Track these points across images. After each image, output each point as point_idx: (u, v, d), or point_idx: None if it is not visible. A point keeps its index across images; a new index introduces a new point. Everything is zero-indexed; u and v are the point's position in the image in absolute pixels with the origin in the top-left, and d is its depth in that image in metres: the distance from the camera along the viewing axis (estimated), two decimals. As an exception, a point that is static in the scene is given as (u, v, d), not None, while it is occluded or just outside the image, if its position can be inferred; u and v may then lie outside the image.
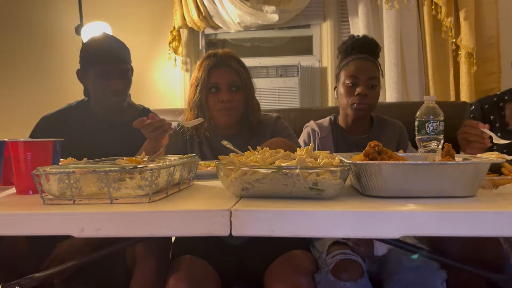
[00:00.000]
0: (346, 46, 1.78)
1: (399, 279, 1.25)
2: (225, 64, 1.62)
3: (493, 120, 1.84)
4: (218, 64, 1.61)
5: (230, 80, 1.61)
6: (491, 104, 1.88)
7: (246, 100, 1.65)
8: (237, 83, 1.61)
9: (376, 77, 1.72)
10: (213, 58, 1.63)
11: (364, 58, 1.73)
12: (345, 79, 1.72)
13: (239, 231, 0.76)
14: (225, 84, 1.60)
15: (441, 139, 1.25)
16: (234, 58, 1.65)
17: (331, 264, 1.24)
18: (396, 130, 1.82)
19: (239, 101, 1.62)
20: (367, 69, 1.71)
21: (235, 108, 1.62)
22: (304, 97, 3.08)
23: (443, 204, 0.80)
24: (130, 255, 1.34)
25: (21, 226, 0.80)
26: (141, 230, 0.78)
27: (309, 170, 0.82)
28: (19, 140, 1.01)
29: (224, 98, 1.59)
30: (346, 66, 1.74)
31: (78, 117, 1.73)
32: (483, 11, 2.79)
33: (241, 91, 1.63)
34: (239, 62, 1.66)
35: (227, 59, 1.63)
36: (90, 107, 1.76)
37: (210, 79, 1.61)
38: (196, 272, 1.26)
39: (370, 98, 1.70)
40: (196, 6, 3.08)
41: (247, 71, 1.68)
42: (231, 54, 1.66)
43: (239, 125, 1.68)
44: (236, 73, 1.61)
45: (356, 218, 0.75)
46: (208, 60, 1.63)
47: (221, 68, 1.61)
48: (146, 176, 0.84)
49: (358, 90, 1.69)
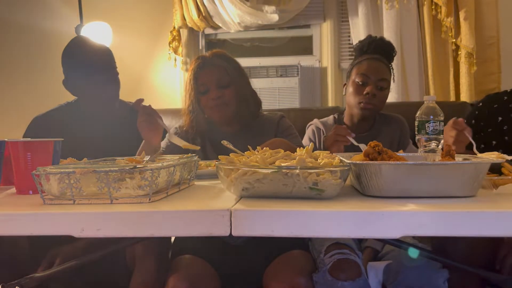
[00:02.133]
0: (362, 45, 1.78)
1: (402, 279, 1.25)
2: (211, 64, 1.65)
3: (501, 122, 1.71)
4: (203, 66, 1.65)
5: (217, 78, 1.63)
6: (501, 103, 1.73)
7: (239, 94, 1.66)
8: (224, 80, 1.63)
9: (386, 79, 1.72)
10: (199, 60, 1.66)
11: (377, 59, 1.73)
12: (355, 77, 1.72)
13: (239, 231, 0.76)
14: (213, 82, 1.63)
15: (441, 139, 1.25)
16: (220, 56, 1.68)
17: (329, 263, 1.24)
18: (397, 124, 1.82)
19: (230, 96, 1.63)
20: (378, 69, 1.71)
21: (226, 103, 1.63)
22: (304, 97, 3.08)
23: (443, 204, 0.80)
24: (130, 255, 1.34)
25: (21, 226, 0.80)
26: (141, 230, 0.78)
27: (309, 170, 0.83)
28: (19, 140, 1.01)
29: (213, 96, 1.61)
30: (359, 64, 1.74)
31: (69, 117, 1.72)
32: (483, 11, 2.79)
33: (231, 87, 1.64)
34: (225, 59, 1.68)
35: (212, 59, 1.66)
36: (80, 107, 1.75)
37: (198, 81, 1.64)
38: (196, 272, 1.26)
39: (378, 99, 1.70)
40: (196, 6, 3.08)
41: (236, 66, 1.69)
42: (216, 53, 1.69)
43: (238, 121, 1.69)
44: (223, 70, 1.64)
45: (356, 218, 0.75)
46: (194, 64, 1.66)
47: (207, 68, 1.64)
48: (146, 176, 0.84)
49: (367, 90, 1.69)
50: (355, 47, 1.82)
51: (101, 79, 1.63)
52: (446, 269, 1.24)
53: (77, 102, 1.78)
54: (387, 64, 1.75)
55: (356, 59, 1.78)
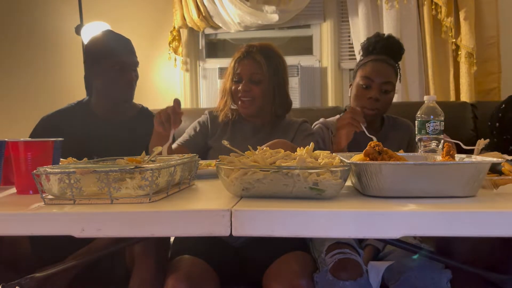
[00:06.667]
0: (368, 44, 1.74)
1: (405, 279, 1.25)
2: (250, 57, 1.67)
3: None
4: (245, 56, 1.68)
5: (251, 73, 1.66)
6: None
7: (267, 92, 1.67)
8: (257, 76, 1.66)
9: (390, 82, 1.68)
10: (244, 49, 1.69)
11: (383, 60, 1.70)
12: (359, 79, 1.70)
13: (239, 231, 0.76)
14: (246, 76, 1.66)
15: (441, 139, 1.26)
16: (263, 51, 1.69)
17: (330, 263, 1.23)
18: (406, 130, 1.80)
19: (258, 93, 1.66)
20: (383, 72, 1.68)
21: (252, 99, 1.66)
22: (304, 97, 3.08)
23: (443, 204, 0.80)
24: (129, 255, 1.34)
25: (21, 226, 0.80)
26: (141, 230, 0.78)
27: (309, 170, 0.82)
28: (19, 140, 1.01)
29: (243, 89, 1.66)
30: (364, 66, 1.71)
31: (78, 117, 1.73)
32: (483, 11, 2.79)
33: (262, 84, 1.66)
34: (268, 55, 1.68)
35: (255, 52, 1.67)
36: (90, 107, 1.76)
37: (236, 70, 1.68)
38: (195, 272, 1.26)
39: (381, 104, 1.68)
40: (196, 6, 3.08)
41: (276, 63, 1.69)
42: (262, 46, 1.70)
43: (263, 116, 1.72)
44: (258, 66, 1.65)
45: (356, 218, 0.75)
46: (240, 51, 1.70)
47: (246, 59, 1.67)
48: (147, 176, 0.84)
49: (370, 94, 1.66)
50: (361, 45, 1.78)
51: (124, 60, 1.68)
52: (449, 270, 1.24)
53: (85, 102, 1.78)
54: (393, 65, 1.71)
55: (361, 60, 1.76)
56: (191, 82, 3.25)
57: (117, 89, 1.69)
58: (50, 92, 3.19)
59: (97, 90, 1.74)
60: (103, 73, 1.68)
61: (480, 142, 1.17)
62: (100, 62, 1.68)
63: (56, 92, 3.14)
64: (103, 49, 1.70)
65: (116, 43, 1.72)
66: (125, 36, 1.76)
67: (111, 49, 1.69)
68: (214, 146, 1.71)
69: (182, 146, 1.69)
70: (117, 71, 1.67)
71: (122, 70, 1.68)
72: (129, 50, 1.73)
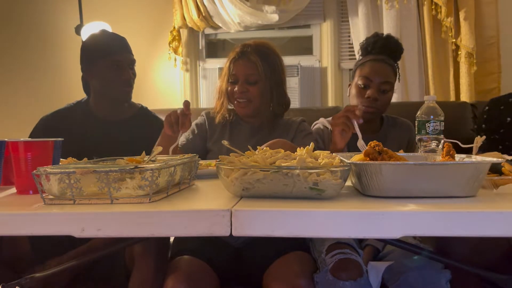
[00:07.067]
0: (367, 44, 1.75)
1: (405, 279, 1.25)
2: (245, 57, 1.65)
3: (510, 122, 1.76)
4: (240, 56, 1.65)
5: (247, 73, 1.63)
6: (506, 105, 1.79)
7: (264, 92, 1.65)
8: (253, 77, 1.63)
9: (389, 82, 1.69)
10: (239, 49, 1.67)
11: (381, 60, 1.70)
12: (358, 79, 1.70)
13: (240, 231, 0.75)
14: (242, 76, 1.64)
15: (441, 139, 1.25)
16: (259, 50, 1.66)
17: (330, 263, 1.24)
18: (406, 130, 1.80)
19: (254, 93, 1.64)
20: (381, 72, 1.68)
21: (249, 100, 1.64)
22: (304, 97, 3.08)
23: (443, 204, 0.80)
24: (129, 255, 1.33)
25: (21, 226, 0.80)
26: (141, 230, 0.78)
27: (309, 170, 0.82)
28: (19, 140, 1.01)
29: (239, 90, 1.64)
30: (362, 66, 1.71)
31: (77, 117, 1.73)
32: (483, 11, 2.79)
33: (258, 84, 1.64)
34: (264, 54, 1.66)
35: (249, 52, 1.65)
36: (89, 106, 1.76)
37: (231, 71, 1.66)
38: (195, 273, 1.26)
39: (380, 103, 1.68)
40: (196, 6, 3.08)
41: (272, 62, 1.67)
42: (257, 45, 1.68)
43: (260, 116, 1.70)
44: (254, 67, 1.63)
45: (356, 218, 0.75)
46: (235, 51, 1.67)
47: (241, 60, 1.65)
48: (147, 176, 0.84)
49: (368, 94, 1.66)
50: (360, 45, 1.79)
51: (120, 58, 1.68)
52: (448, 270, 1.24)
53: (84, 101, 1.78)
54: (391, 65, 1.71)
55: (360, 59, 1.76)
56: (191, 82, 3.24)
57: (115, 88, 1.69)
58: (50, 92, 3.19)
59: (95, 90, 1.74)
60: (100, 72, 1.69)
61: (477, 139, 1.18)
62: (96, 62, 1.69)
63: (55, 92, 3.14)
64: (99, 49, 1.70)
65: (111, 42, 1.72)
66: (125, 36, 1.76)
67: (106, 48, 1.69)
68: (213, 149, 1.69)
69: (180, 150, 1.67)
70: (114, 70, 1.67)
71: (119, 69, 1.68)
72: (125, 48, 1.72)
